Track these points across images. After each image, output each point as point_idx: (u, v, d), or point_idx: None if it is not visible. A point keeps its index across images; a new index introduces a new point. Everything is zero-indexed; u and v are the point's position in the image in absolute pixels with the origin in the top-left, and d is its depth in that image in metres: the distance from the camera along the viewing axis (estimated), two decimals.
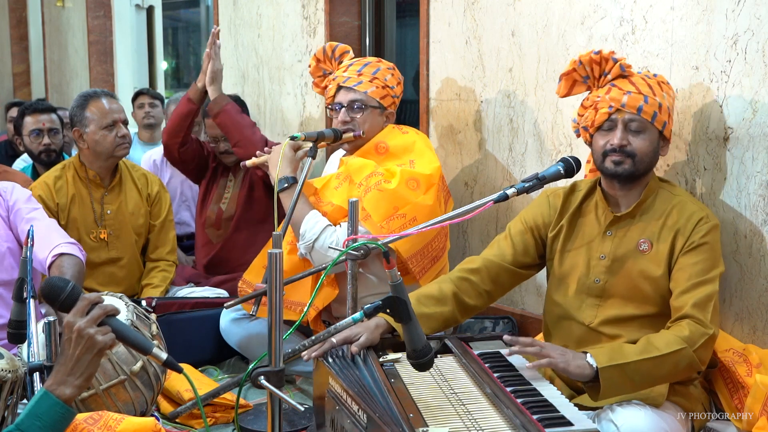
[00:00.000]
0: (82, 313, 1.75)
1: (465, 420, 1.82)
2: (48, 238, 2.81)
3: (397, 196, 2.86)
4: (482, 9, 3.40)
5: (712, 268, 2.27)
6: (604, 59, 2.41)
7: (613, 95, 2.36)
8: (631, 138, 2.34)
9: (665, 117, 2.36)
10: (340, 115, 3.06)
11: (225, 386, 2.04)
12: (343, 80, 3.08)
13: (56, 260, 2.74)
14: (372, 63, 3.12)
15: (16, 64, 9.41)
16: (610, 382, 2.09)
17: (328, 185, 3.00)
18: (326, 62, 3.28)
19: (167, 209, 3.75)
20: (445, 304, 2.42)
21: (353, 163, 2.98)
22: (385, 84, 3.08)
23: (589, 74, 2.46)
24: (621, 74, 2.39)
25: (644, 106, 2.32)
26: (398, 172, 2.90)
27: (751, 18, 2.45)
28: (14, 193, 2.97)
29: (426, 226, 2.38)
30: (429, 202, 2.90)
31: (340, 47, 3.25)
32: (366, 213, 2.83)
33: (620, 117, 2.34)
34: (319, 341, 2.22)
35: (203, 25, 12.31)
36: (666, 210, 2.37)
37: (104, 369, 2.39)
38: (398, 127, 3.15)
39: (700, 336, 2.17)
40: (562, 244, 2.49)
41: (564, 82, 2.52)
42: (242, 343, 3.29)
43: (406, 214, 2.85)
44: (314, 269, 2.65)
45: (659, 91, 2.36)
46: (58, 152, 4.40)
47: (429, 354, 1.89)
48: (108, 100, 3.53)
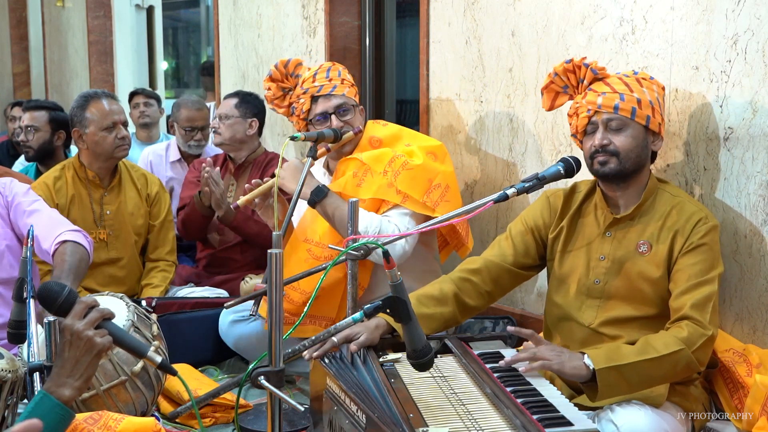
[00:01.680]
0: (80, 316, 1.76)
1: (465, 420, 1.82)
2: (52, 227, 2.78)
3: (427, 169, 2.91)
4: (482, 9, 3.40)
5: (711, 269, 2.27)
6: (577, 66, 2.46)
7: (589, 98, 2.39)
8: (613, 137, 2.35)
9: (647, 111, 2.35)
10: (332, 122, 3.02)
11: (225, 386, 2.04)
12: (316, 90, 3.03)
13: (59, 248, 2.72)
14: (332, 67, 3.11)
15: (16, 64, 9.41)
16: (608, 382, 2.09)
17: (347, 187, 2.95)
18: (284, 80, 3.19)
19: (167, 209, 3.75)
20: (445, 305, 2.42)
21: (369, 156, 2.96)
22: (352, 83, 3.11)
23: (567, 83, 2.50)
24: (595, 78, 2.42)
25: (620, 104, 2.34)
26: (416, 149, 2.96)
27: (751, 18, 2.45)
28: (13, 187, 2.93)
29: (426, 226, 2.38)
30: (450, 169, 3.02)
31: (292, 61, 3.17)
32: (404, 195, 2.86)
33: (599, 118, 2.37)
34: (319, 341, 2.22)
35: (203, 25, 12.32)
36: (665, 211, 2.37)
37: (105, 369, 2.39)
38: (376, 122, 3.19)
39: (698, 337, 2.16)
40: (563, 245, 2.49)
41: (546, 96, 2.57)
42: (242, 343, 3.29)
43: (440, 183, 2.92)
44: (314, 269, 2.64)
45: (637, 87, 2.36)
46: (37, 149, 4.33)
47: (429, 354, 1.89)
48: (108, 102, 3.52)
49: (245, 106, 4.04)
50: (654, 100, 2.38)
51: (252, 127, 4.04)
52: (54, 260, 2.70)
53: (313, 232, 2.99)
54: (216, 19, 5.30)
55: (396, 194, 2.86)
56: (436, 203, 2.87)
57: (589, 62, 2.43)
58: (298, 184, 2.77)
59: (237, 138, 4.02)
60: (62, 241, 2.73)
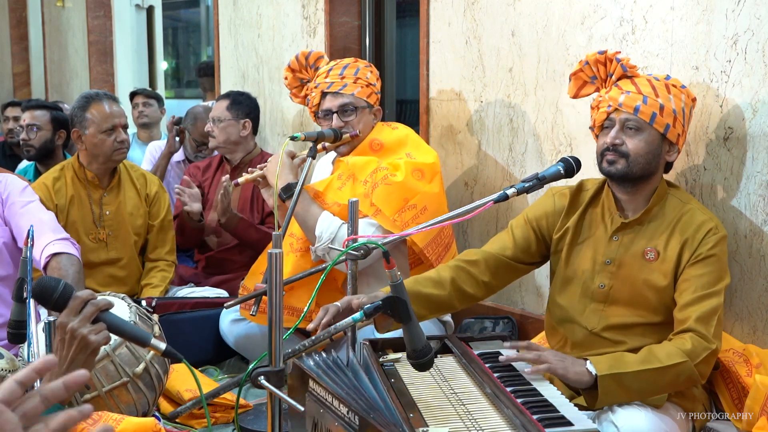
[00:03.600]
0: (75, 312, 1.73)
1: (465, 420, 1.82)
2: (39, 234, 2.76)
3: (405, 188, 2.87)
4: (482, 9, 3.40)
5: (718, 281, 2.24)
6: (609, 59, 2.40)
7: (612, 94, 2.34)
8: (627, 138, 2.32)
9: (668, 119, 2.30)
10: (333, 121, 3.04)
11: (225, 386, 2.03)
12: (326, 86, 3.06)
13: (51, 261, 2.72)
14: (350, 64, 3.11)
15: (16, 64, 9.41)
16: (608, 389, 2.08)
17: (331, 187, 2.99)
18: (302, 71, 3.24)
19: (166, 209, 3.74)
20: (443, 288, 2.41)
21: (355, 162, 2.97)
22: (368, 82, 3.09)
23: (596, 74, 2.44)
24: (624, 74, 2.37)
25: (642, 107, 2.29)
26: (402, 164, 2.92)
27: (751, 18, 2.45)
28: (8, 185, 2.92)
29: (425, 226, 2.37)
30: (436, 190, 2.94)
31: (313, 54, 3.22)
32: (376, 208, 2.84)
33: (618, 116, 2.33)
34: (319, 341, 2.21)
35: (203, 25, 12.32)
36: (674, 218, 2.33)
37: (107, 371, 2.39)
38: (387, 124, 3.17)
39: (702, 350, 2.14)
40: (568, 246, 2.46)
41: (573, 82, 2.51)
42: (242, 343, 3.29)
43: (416, 204, 2.87)
44: (314, 269, 2.64)
45: (664, 93, 2.31)
46: (38, 148, 4.33)
47: (429, 354, 1.88)
48: (109, 104, 3.49)
49: (237, 107, 4.04)
50: (679, 110, 2.32)
51: (245, 127, 4.04)
52: (50, 272, 2.70)
53: (297, 227, 3.01)
54: (216, 19, 5.30)
55: (369, 206, 2.85)
56: (407, 224, 2.82)
57: (622, 58, 2.38)
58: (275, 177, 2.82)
59: (231, 140, 4.02)
60: (54, 253, 2.72)
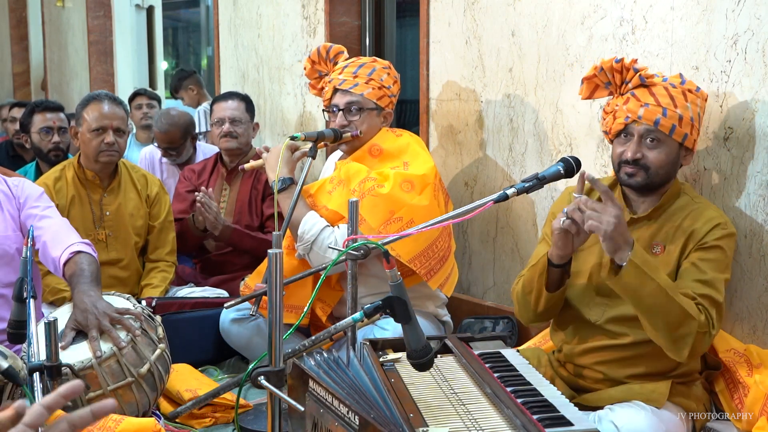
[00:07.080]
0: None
1: (465, 420, 1.82)
2: (65, 236, 2.76)
3: (392, 200, 2.85)
4: (482, 9, 3.40)
5: (718, 270, 2.25)
6: (626, 68, 2.38)
7: (630, 106, 2.33)
8: (646, 151, 2.31)
9: (686, 129, 2.31)
10: (337, 118, 3.05)
11: (225, 386, 2.03)
12: (338, 82, 3.07)
13: (74, 257, 2.69)
14: (367, 64, 3.10)
15: (16, 64, 9.42)
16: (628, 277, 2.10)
17: (322, 189, 3.00)
18: (321, 64, 3.27)
19: (166, 210, 3.74)
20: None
21: (348, 169, 2.97)
22: (381, 84, 3.07)
23: (611, 81, 2.43)
24: (641, 84, 2.36)
25: (662, 120, 2.29)
26: (391, 176, 2.89)
27: (751, 18, 2.45)
28: (25, 189, 2.88)
29: (425, 226, 2.36)
30: (425, 203, 2.88)
31: (334, 48, 3.24)
32: (362, 218, 2.81)
33: (636, 127, 2.32)
34: (319, 341, 2.21)
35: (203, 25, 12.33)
36: (683, 214, 2.34)
37: (113, 370, 2.40)
38: (392, 130, 3.15)
39: (707, 327, 2.16)
40: None
41: (586, 86, 2.49)
42: (242, 343, 3.29)
43: (402, 217, 2.84)
44: (314, 269, 2.65)
45: (682, 101, 2.31)
46: (65, 151, 4.38)
47: (429, 354, 1.88)
48: (109, 105, 3.45)
49: (251, 110, 4.09)
50: (696, 117, 2.33)
51: (255, 130, 4.09)
52: (69, 267, 2.66)
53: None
54: (216, 19, 5.31)
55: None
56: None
57: (639, 68, 2.36)
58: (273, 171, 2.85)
59: (247, 142, 4.04)
60: (77, 251, 2.70)
